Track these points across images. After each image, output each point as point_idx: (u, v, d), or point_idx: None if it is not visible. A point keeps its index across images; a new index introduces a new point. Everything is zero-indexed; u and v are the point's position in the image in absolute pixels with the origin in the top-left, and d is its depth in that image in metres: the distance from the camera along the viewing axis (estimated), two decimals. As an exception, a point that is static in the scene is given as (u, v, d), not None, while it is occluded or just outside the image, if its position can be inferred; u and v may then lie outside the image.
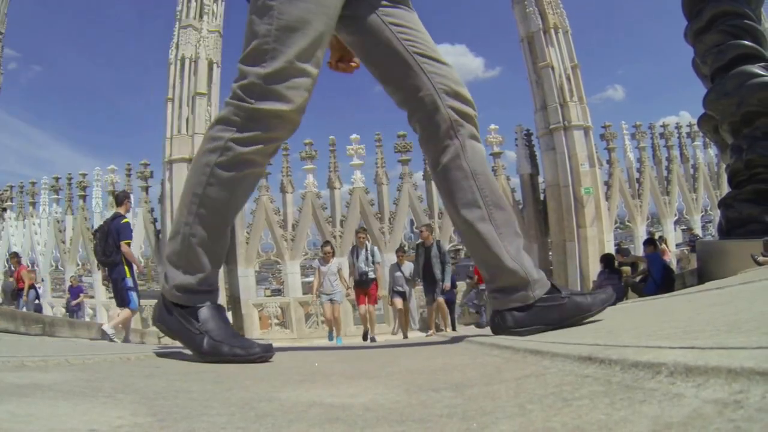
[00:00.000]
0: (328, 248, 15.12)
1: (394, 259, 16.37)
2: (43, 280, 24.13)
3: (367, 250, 14.47)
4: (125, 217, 11.09)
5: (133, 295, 11.02)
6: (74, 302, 22.06)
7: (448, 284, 14.37)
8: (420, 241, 15.20)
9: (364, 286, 14.47)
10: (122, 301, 10.97)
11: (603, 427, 0.80)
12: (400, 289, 15.13)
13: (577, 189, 20.44)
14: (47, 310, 21.84)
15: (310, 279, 16.21)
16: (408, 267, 15.25)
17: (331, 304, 14.66)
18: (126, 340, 11.00)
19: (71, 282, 23.07)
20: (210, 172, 2.41)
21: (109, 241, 10.71)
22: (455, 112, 2.70)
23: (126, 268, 10.82)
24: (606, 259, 14.59)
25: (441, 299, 14.41)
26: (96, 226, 23.36)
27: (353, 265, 14.53)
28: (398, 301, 15.08)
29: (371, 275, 14.42)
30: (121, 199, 11.52)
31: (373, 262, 14.42)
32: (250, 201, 22.61)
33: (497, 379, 1.36)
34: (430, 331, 14.32)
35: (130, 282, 10.91)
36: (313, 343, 14.69)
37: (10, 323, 7.76)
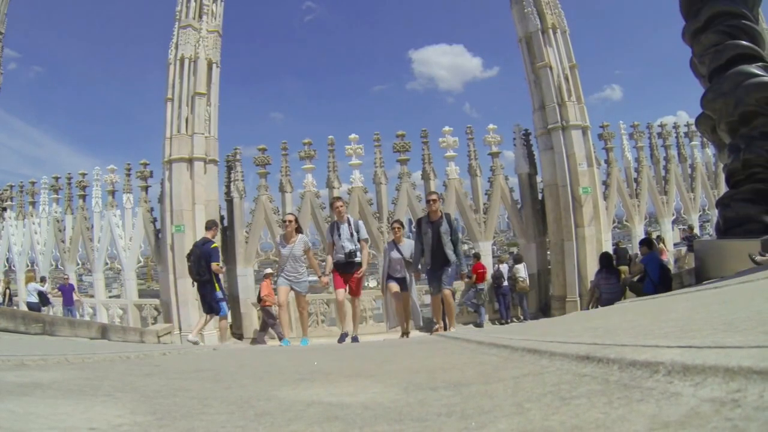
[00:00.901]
0: (290, 217, 11.98)
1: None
2: (45, 279, 24.28)
3: (350, 224, 11.69)
4: (213, 242, 12.98)
5: (224, 304, 13.20)
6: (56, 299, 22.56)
7: (465, 269, 12.14)
8: (422, 216, 11.84)
9: (347, 270, 11.65)
10: (211, 309, 12.93)
11: (601, 425, 0.80)
12: (398, 275, 11.97)
13: (575, 188, 20.41)
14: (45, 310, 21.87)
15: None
16: (408, 246, 12.00)
17: (294, 294, 11.91)
18: (223, 343, 13.51)
19: (62, 281, 23.20)
20: None
21: (202, 263, 12.70)
22: None
23: (216, 284, 12.79)
24: (604, 259, 14.58)
25: (448, 291, 11.07)
26: (94, 227, 23.45)
27: (332, 245, 11.74)
28: (393, 286, 11.90)
29: (358, 257, 11.69)
30: (209, 225, 13.55)
31: (359, 239, 11.69)
32: (248, 200, 22.60)
33: (495, 378, 1.36)
34: (438, 326, 11.77)
35: (220, 294, 12.95)
36: (312, 342, 14.54)
37: (10, 322, 7.75)
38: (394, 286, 11.95)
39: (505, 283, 20.54)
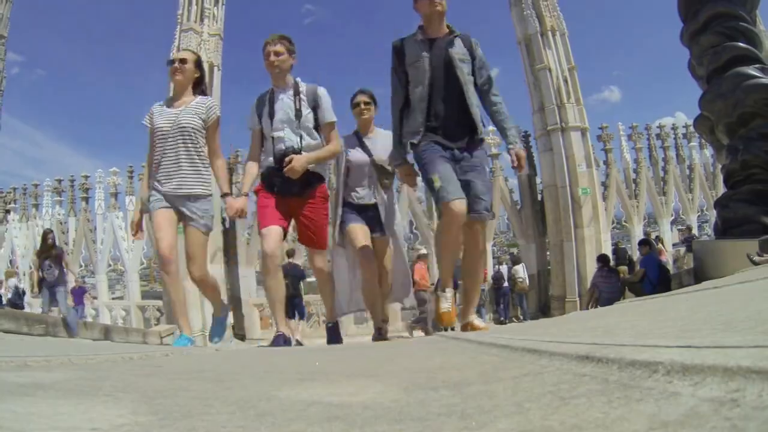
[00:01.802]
0: (184, 55, 6.21)
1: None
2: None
3: (299, 93, 5.80)
4: (299, 265, 16.13)
5: (305, 309, 16.86)
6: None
7: (520, 147, 5.26)
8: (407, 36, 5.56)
9: (288, 188, 5.67)
10: (297, 314, 15.83)
11: (600, 425, 0.80)
12: (365, 200, 6.41)
13: (574, 190, 20.46)
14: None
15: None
16: (385, 139, 6.25)
17: (185, 229, 5.93)
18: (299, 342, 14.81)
19: (75, 283, 23.19)
20: None
21: (294, 281, 15.48)
22: None
23: (303, 295, 16.08)
24: (602, 259, 14.58)
25: (481, 221, 5.22)
26: (97, 229, 23.58)
27: (259, 138, 5.92)
28: (358, 232, 6.16)
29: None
30: (290, 253, 16.24)
31: (316, 124, 5.80)
32: (250, 202, 22.64)
33: (495, 378, 1.36)
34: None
35: (302, 302, 16.25)
36: (314, 342, 14.57)
37: (13, 323, 7.75)
38: (360, 233, 6.18)
39: (506, 284, 20.61)
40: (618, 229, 24.45)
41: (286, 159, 5.43)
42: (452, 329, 6.43)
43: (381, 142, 6.44)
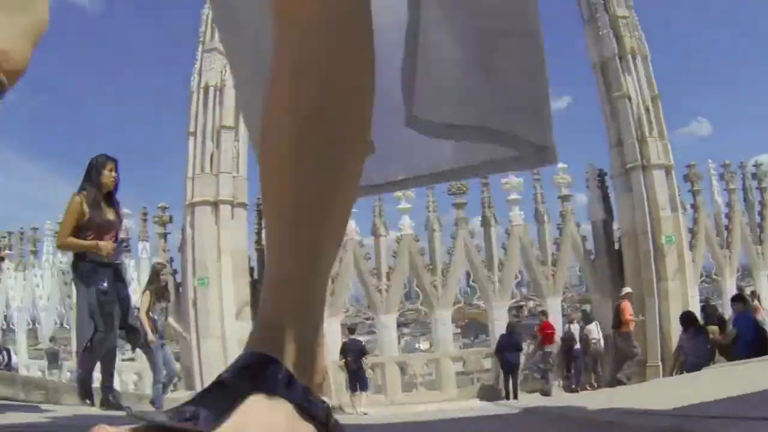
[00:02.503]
0: None
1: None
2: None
3: None
4: (360, 341, 19.02)
5: (368, 381, 18.83)
6: None
7: None
8: None
9: None
10: (359, 386, 18.21)
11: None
12: None
13: (656, 237, 20.16)
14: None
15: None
16: None
17: None
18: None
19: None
20: None
21: (356, 357, 17.94)
22: None
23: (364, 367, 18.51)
24: (688, 318, 14.39)
25: None
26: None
27: None
28: None
29: None
30: (352, 329, 19.59)
31: None
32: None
33: (567, 454, 1.39)
34: None
35: (365, 374, 18.63)
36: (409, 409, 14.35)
37: (9, 389, 7.81)
38: None
39: (577, 346, 20.25)
40: (707, 283, 23.98)
41: None
42: None
43: None
